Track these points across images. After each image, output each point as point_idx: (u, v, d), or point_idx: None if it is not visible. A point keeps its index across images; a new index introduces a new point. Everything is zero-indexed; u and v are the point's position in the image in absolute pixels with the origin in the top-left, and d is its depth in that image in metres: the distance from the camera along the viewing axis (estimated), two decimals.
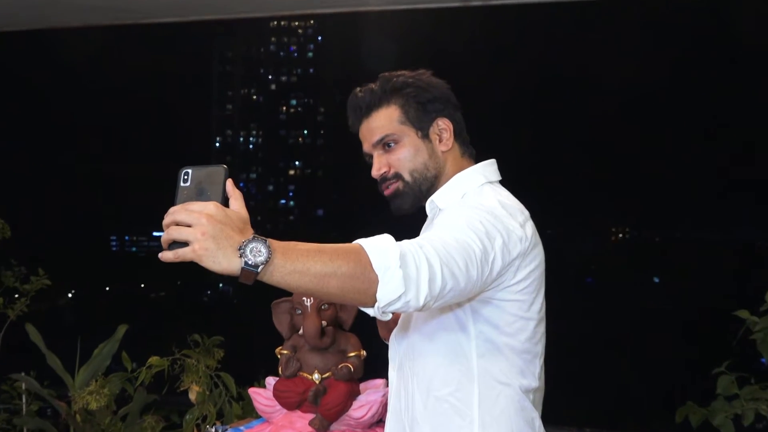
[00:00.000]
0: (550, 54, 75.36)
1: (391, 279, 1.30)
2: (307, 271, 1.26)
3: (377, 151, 1.76)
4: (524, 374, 1.67)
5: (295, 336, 2.79)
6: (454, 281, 1.40)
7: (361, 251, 1.32)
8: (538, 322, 1.68)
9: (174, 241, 1.20)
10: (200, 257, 1.19)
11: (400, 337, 1.78)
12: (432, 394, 1.67)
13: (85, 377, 3.97)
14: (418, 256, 1.35)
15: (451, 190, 1.74)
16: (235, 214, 1.24)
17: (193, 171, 1.28)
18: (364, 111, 1.77)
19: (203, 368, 3.40)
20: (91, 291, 40.47)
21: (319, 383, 2.69)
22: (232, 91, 69.32)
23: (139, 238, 58.36)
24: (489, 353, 1.64)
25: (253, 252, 1.20)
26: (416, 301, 1.34)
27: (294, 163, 68.12)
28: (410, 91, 1.75)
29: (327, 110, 67.78)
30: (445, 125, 1.76)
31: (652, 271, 45.10)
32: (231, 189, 1.28)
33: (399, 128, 1.74)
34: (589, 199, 63.18)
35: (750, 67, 67.97)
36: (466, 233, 1.48)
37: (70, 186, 64.96)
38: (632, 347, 25.46)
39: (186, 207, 1.21)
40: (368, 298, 1.32)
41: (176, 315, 31.55)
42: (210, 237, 1.18)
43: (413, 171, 1.74)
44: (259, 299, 3.08)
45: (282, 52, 69.36)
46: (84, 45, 61.42)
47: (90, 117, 74.11)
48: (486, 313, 1.62)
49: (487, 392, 1.64)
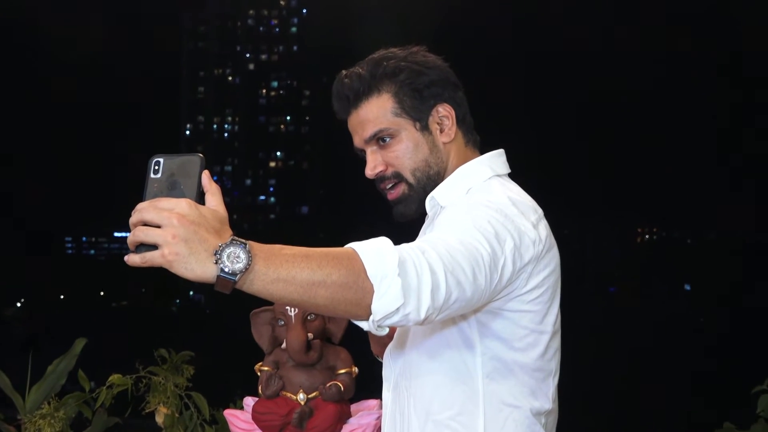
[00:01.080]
0: (565, 42, 75.78)
1: (389, 289, 1.29)
2: (292, 280, 1.25)
3: (371, 147, 1.74)
4: (536, 395, 1.65)
5: (278, 350, 2.80)
6: (460, 290, 1.39)
7: (355, 257, 1.30)
8: (552, 336, 1.66)
9: (142, 243, 1.19)
10: (170, 263, 1.18)
11: (396, 354, 1.77)
12: (431, 418, 1.65)
13: (37, 398, 3.96)
14: (419, 263, 1.33)
15: (455, 184, 1.72)
16: (211, 213, 1.23)
17: (164, 160, 1.27)
18: (352, 100, 1.74)
19: (172, 387, 3.40)
20: (43, 300, 40.44)
21: (305, 404, 2.70)
22: (204, 71, 69.33)
23: (99, 239, 58.41)
24: (496, 372, 1.62)
25: (230, 258, 1.19)
26: (417, 314, 1.32)
27: (275, 154, 68.22)
28: (404, 76, 1.72)
29: (313, 93, 67.88)
30: (445, 112, 1.73)
31: (683, 276, 45.25)
32: (207, 182, 1.27)
33: (394, 121, 1.72)
34: (611, 195, 63.31)
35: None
36: (472, 235, 1.47)
37: (17, 180, 64.81)
38: (659, 363, 25.54)
39: (155, 204, 1.20)
40: (362, 310, 1.31)
41: (141, 327, 31.55)
42: (181, 240, 1.17)
43: (415, 170, 1.72)
44: (235, 309, 3.09)
45: (261, 26, 69.42)
46: (30, 17, 61.26)
47: (38, 98, 73.78)
48: (494, 326, 1.61)
49: (493, 415, 1.62)
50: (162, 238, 1.18)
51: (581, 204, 55.62)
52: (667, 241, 53.56)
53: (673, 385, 22.31)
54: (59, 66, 74.51)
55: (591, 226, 51.45)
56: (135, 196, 1.27)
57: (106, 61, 75.15)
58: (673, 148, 70.57)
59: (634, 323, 32.38)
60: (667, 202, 61.04)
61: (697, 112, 70.99)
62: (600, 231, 53.04)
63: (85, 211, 60.08)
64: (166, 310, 44.98)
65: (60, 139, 71.67)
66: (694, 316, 34.99)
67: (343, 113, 1.77)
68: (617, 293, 43.97)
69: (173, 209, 1.19)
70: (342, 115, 1.77)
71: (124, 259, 1.21)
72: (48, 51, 75.04)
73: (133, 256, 1.21)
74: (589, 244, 47.63)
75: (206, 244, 1.19)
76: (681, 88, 72.66)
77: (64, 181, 65.80)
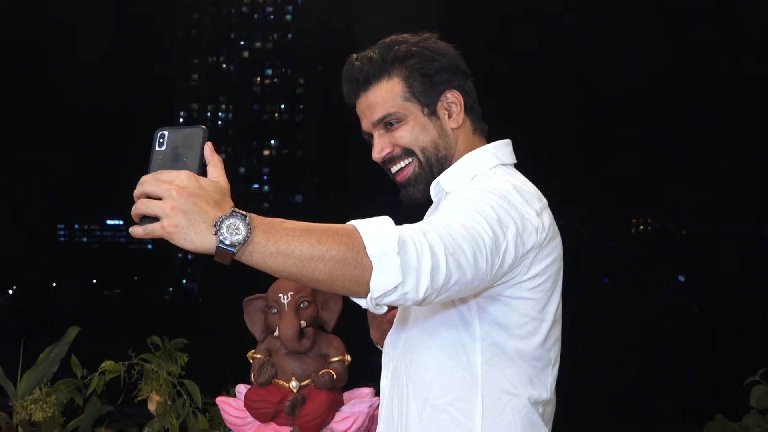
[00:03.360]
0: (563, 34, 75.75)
1: (388, 267, 1.30)
2: (291, 253, 1.26)
3: (378, 131, 1.76)
4: (534, 384, 1.67)
5: (270, 338, 2.80)
6: (460, 273, 1.40)
7: (355, 233, 1.32)
8: (552, 325, 1.68)
9: (145, 215, 1.22)
10: (170, 234, 1.20)
11: (395, 338, 1.78)
12: (429, 403, 1.67)
13: (28, 384, 3.96)
14: (420, 243, 1.34)
15: (460, 171, 1.74)
16: (211, 185, 1.24)
17: (169, 133, 1.28)
18: (362, 84, 1.76)
19: (164, 375, 3.41)
20: (35, 287, 40.36)
21: (297, 392, 2.70)
22: (198, 58, 69.05)
23: (91, 226, 58.24)
24: (495, 358, 1.64)
25: (229, 229, 1.21)
26: (415, 293, 1.34)
27: (269, 143, 68.02)
28: (415, 62, 1.74)
29: (307, 82, 67.60)
30: (454, 98, 1.76)
31: (677, 268, 45.29)
32: (209, 154, 1.28)
33: (403, 105, 1.73)
34: (605, 185, 63.33)
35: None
36: (475, 219, 1.48)
37: (10, 167, 64.59)
38: (652, 354, 25.59)
39: (157, 177, 1.22)
40: (360, 287, 1.32)
41: (133, 315, 31.47)
42: (180, 212, 1.19)
43: (424, 149, 1.74)
44: (228, 296, 3.09)
45: (256, 14, 69.12)
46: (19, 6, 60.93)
47: (30, 87, 73.48)
48: (494, 311, 1.63)
49: (491, 403, 1.64)
50: (162, 210, 1.20)
51: (576, 195, 55.62)
52: (661, 232, 53.58)
53: (666, 376, 22.35)
54: (53, 55, 74.24)
55: (586, 217, 51.44)
56: (127, 186, 1.28)
57: (99, 50, 74.78)
58: (668, 140, 70.57)
59: (629, 314, 32.42)
60: (662, 193, 61.05)
61: (694, 105, 70.99)
62: (595, 222, 53.06)
63: (77, 198, 59.91)
64: (159, 298, 44.94)
65: (53, 127, 71.43)
66: (687, 307, 35.02)
67: (352, 96, 1.79)
68: (611, 284, 44.01)
69: (173, 181, 1.21)
70: (351, 98, 1.80)
71: (129, 230, 1.23)
72: (43, 41, 74.74)
73: (136, 228, 1.24)
74: (584, 235, 47.64)
75: (205, 216, 1.21)
76: (678, 82, 72.67)
77: (57, 169, 65.57)
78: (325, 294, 2.75)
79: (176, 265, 52.83)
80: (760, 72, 65.89)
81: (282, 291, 2.72)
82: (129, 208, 1.22)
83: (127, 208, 1.23)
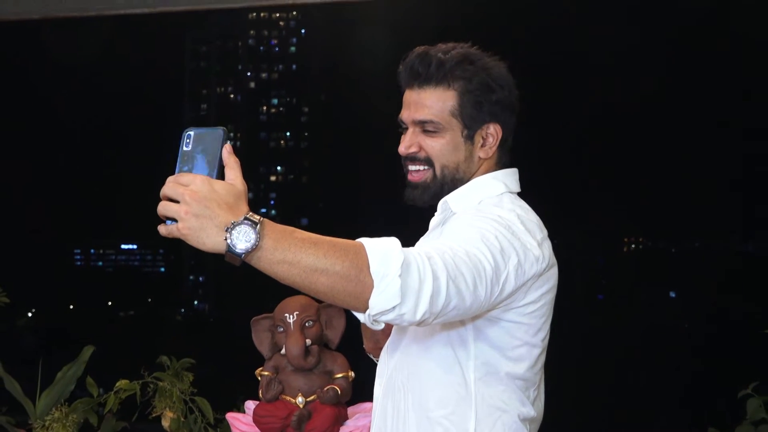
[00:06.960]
0: (552, 48, 75.77)
1: (388, 287, 1.31)
2: (297, 263, 1.27)
3: (414, 128, 1.76)
4: (523, 403, 1.69)
5: (277, 356, 2.81)
6: (459, 299, 1.41)
7: (361, 251, 1.33)
8: (542, 351, 1.71)
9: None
10: (185, 236, 1.23)
11: (392, 349, 1.78)
12: (426, 415, 1.68)
13: (47, 403, 3.96)
14: (423, 268, 1.35)
15: (469, 193, 1.75)
16: (225, 188, 1.26)
17: (195, 133, 1.29)
18: (422, 79, 1.74)
19: (177, 392, 3.40)
20: (53, 309, 40.27)
21: (303, 407, 2.71)
22: (206, 89, 69.22)
23: (106, 251, 58.09)
24: (488, 376, 1.65)
25: (240, 236, 1.23)
26: (413, 315, 1.34)
27: (275, 168, 68.01)
28: (475, 86, 1.73)
29: (311, 110, 67.67)
30: (494, 132, 1.76)
31: (667, 284, 45.16)
32: (227, 156, 1.29)
33: (447, 119, 1.73)
34: (597, 204, 63.26)
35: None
36: (478, 247, 1.49)
37: (29, 193, 64.65)
38: (645, 368, 25.48)
39: (176, 179, 1.25)
40: (360, 303, 1.33)
41: (147, 335, 31.41)
42: (193, 216, 1.22)
43: (444, 167, 1.74)
44: (237, 317, 3.09)
45: (262, 46, 69.29)
46: (31, 36, 61.04)
47: (45, 116, 73.61)
48: (490, 333, 1.64)
49: (484, 418, 1.65)
50: (176, 213, 1.23)
51: (570, 213, 55.57)
52: (652, 250, 53.47)
53: (658, 390, 22.25)
54: (66, 79, 74.42)
55: (579, 235, 51.37)
56: (137, 213, 1.30)
57: (113, 79, 75.03)
58: (658, 159, 70.54)
59: (621, 330, 32.31)
60: (652, 212, 60.98)
61: (684, 124, 70.98)
62: (587, 240, 52.97)
63: (92, 224, 59.86)
64: (172, 318, 44.80)
65: (69, 154, 71.56)
66: (678, 322, 34.92)
67: (406, 84, 1.77)
68: (605, 301, 43.87)
69: (188, 185, 1.23)
70: (404, 84, 1.78)
71: (158, 228, 1.27)
72: (50, 65, 74.91)
73: (160, 226, 1.27)
74: (577, 252, 47.55)
75: (217, 220, 1.23)
76: (669, 100, 72.64)
77: (73, 196, 65.64)
78: (329, 313, 2.76)
79: (188, 287, 52.83)
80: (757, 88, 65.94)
81: (288, 311, 2.73)
82: (142, 234, 1.24)
83: (141, 234, 1.26)
